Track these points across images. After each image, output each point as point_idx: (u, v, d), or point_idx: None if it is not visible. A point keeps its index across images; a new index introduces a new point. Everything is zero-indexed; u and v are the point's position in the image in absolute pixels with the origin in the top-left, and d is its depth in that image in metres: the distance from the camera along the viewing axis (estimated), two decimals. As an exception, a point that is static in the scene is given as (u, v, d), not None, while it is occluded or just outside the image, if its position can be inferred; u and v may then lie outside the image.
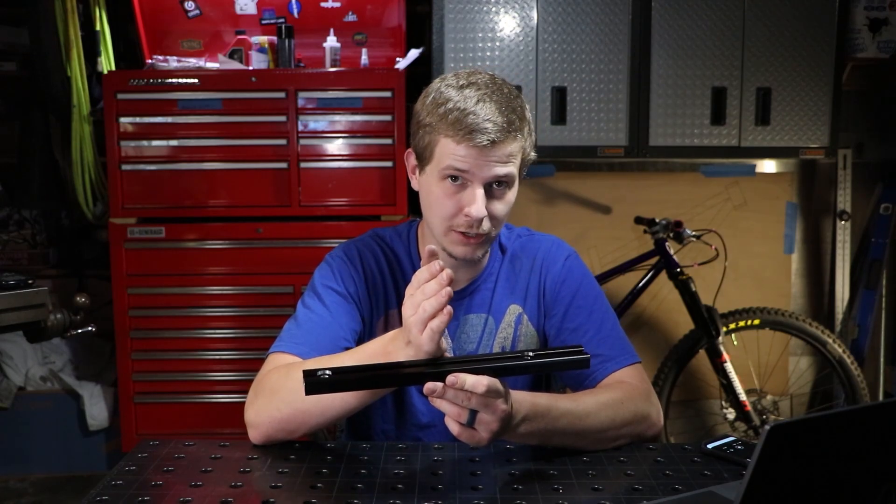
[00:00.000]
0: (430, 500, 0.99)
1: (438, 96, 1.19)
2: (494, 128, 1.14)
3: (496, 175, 1.17)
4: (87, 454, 2.91)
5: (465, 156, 1.15)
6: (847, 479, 0.73)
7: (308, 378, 0.95)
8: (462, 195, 1.18)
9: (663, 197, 3.05)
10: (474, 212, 1.16)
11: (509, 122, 1.16)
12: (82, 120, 2.77)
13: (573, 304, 1.31)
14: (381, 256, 1.33)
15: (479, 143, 1.14)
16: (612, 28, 2.67)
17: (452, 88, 1.18)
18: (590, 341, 1.26)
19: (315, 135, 2.56)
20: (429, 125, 1.19)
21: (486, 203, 1.17)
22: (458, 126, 1.14)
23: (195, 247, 2.58)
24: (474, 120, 1.14)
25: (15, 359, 2.93)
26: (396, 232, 1.37)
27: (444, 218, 1.20)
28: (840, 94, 2.78)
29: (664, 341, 3.01)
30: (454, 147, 1.16)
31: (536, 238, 1.38)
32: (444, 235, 1.22)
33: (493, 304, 1.33)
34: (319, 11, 2.85)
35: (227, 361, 2.60)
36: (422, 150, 1.22)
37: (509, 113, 1.16)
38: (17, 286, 1.65)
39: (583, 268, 1.35)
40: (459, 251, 1.22)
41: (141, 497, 0.99)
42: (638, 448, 1.18)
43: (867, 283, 3.08)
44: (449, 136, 1.16)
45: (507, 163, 1.17)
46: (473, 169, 1.16)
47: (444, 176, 1.18)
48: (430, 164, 1.21)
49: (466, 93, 1.16)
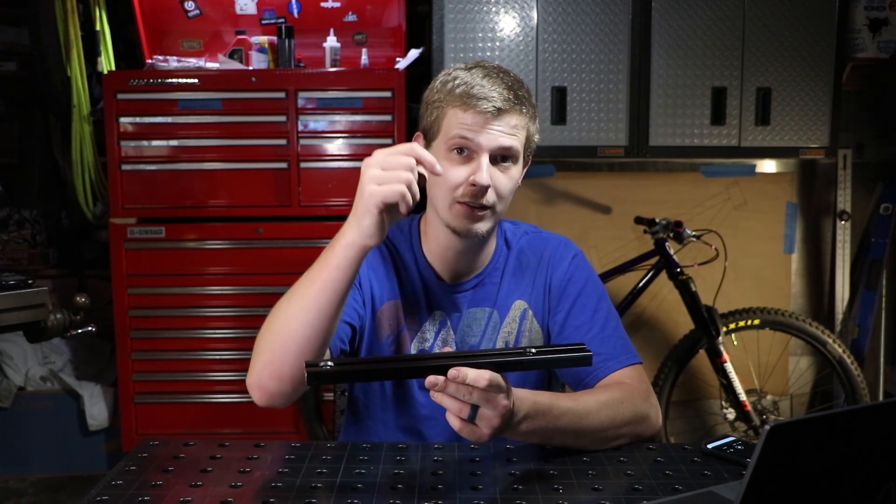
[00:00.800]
0: (430, 500, 0.99)
1: (447, 77, 1.24)
2: (500, 97, 1.18)
3: (501, 145, 1.19)
4: (87, 454, 2.91)
5: (471, 123, 1.18)
6: (847, 479, 0.73)
7: (310, 368, 0.96)
8: (468, 165, 1.20)
9: (663, 197, 3.05)
10: (480, 179, 1.18)
11: (515, 94, 1.20)
12: (82, 120, 2.77)
13: (577, 302, 1.31)
14: (384, 248, 1.34)
15: (484, 108, 1.17)
16: (612, 28, 2.67)
17: (461, 70, 1.24)
18: (592, 340, 1.27)
19: (315, 135, 2.56)
20: (436, 102, 1.24)
21: (491, 174, 1.19)
22: (466, 96, 1.19)
23: (195, 247, 2.58)
24: (480, 90, 1.18)
25: (15, 359, 2.93)
26: (398, 227, 1.37)
27: (449, 189, 1.21)
28: (840, 94, 2.78)
29: (664, 341, 3.01)
30: (461, 115, 1.19)
31: (544, 236, 1.39)
32: (448, 209, 1.23)
33: (498, 298, 1.33)
34: (319, 11, 2.85)
35: (227, 361, 2.60)
36: (429, 127, 1.25)
37: (516, 88, 1.21)
38: (17, 286, 1.65)
39: (589, 268, 1.37)
40: (463, 224, 1.22)
41: (141, 497, 0.99)
42: (638, 448, 1.18)
43: (867, 283, 3.08)
44: (456, 105, 1.20)
45: (512, 135, 1.20)
46: (479, 137, 1.18)
47: (451, 147, 1.21)
48: (438, 139, 1.24)
49: (474, 71, 1.22)
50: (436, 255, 1.32)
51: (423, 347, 1.32)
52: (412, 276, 1.33)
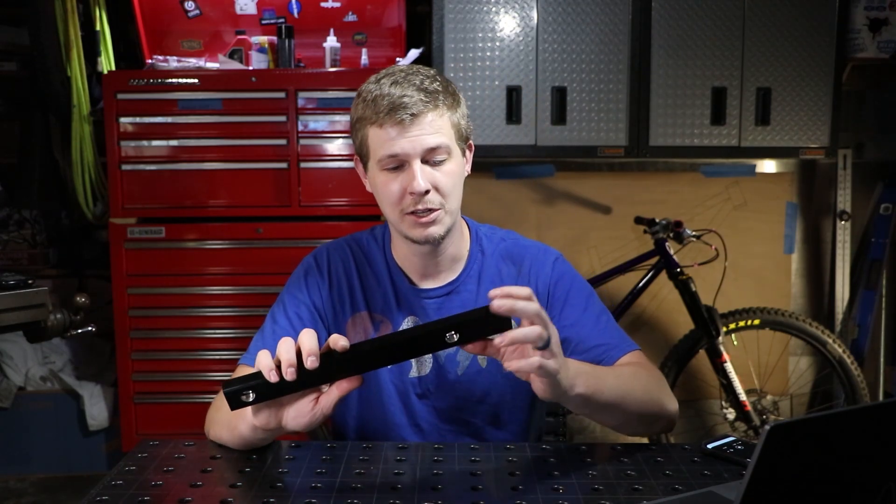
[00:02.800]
0: (430, 500, 0.99)
1: (360, 93, 1.23)
2: (411, 101, 1.17)
3: (427, 146, 1.19)
4: (87, 454, 2.91)
5: (393, 136, 1.18)
6: (847, 479, 0.73)
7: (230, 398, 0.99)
8: (402, 176, 1.20)
9: (663, 197, 3.05)
10: (415, 187, 1.18)
11: (427, 93, 1.19)
12: (82, 120, 2.77)
13: (568, 301, 1.31)
14: (350, 260, 1.35)
15: (400, 118, 1.17)
16: (612, 28, 2.67)
17: (371, 83, 1.22)
18: (589, 333, 1.26)
19: (315, 135, 2.56)
20: (357, 122, 1.24)
21: (427, 176, 1.19)
22: (378, 109, 1.18)
23: (195, 247, 2.58)
24: (390, 100, 1.17)
25: (15, 359, 2.93)
26: (372, 234, 1.38)
27: (393, 204, 1.22)
28: (840, 94, 2.78)
29: (664, 341, 3.01)
30: (381, 133, 1.19)
31: (522, 243, 1.37)
32: (400, 223, 1.23)
33: (476, 306, 1.31)
34: (319, 11, 2.85)
35: (227, 361, 2.60)
36: (360, 149, 1.26)
37: (426, 87, 1.19)
38: (17, 286, 1.65)
39: (571, 269, 1.36)
40: (418, 233, 1.22)
41: (141, 497, 0.99)
42: (638, 448, 1.18)
43: (867, 283, 3.08)
44: (373, 122, 1.20)
45: (435, 132, 1.19)
46: (405, 147, 1.18)
47: (383, 166, 1.21)
48: (371, 160, 1.24)
49: (382, 81, 1.20)
50: (404, 260, 1.32)
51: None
52: (384, 282, 1.33)
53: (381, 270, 1.33)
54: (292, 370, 0.96)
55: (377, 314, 1.32)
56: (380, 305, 1.32)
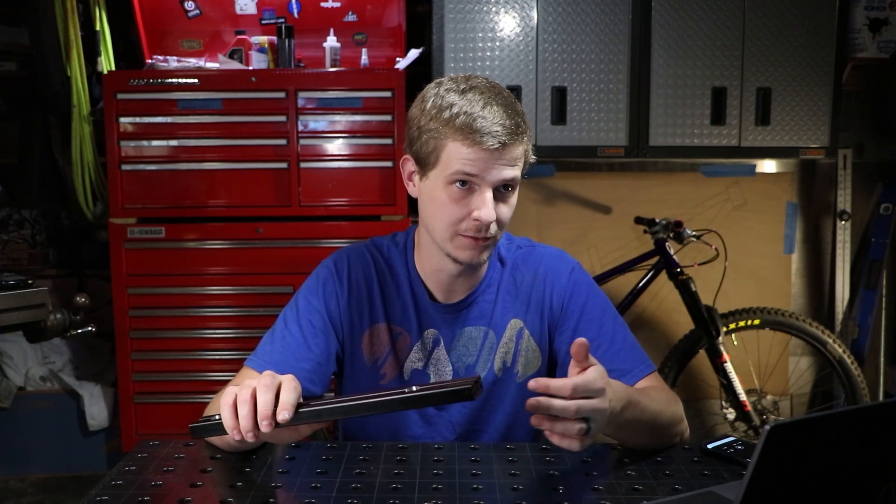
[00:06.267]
0: (430, 500, 0.99)
1: (440, 101, 1.17)
2: (504, 131, 1.14)
3: (504, 178, 1.16)
4: (87, 454, 2.91)
5: (475, 159, 1.14)
6: (847, 479, 0.73)
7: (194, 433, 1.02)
8: (470, 199, 1.16)
9: (663, 197, 3.05)
10: (485, 216, 1.15)
11: (516, 125, 1.16)
12: (82, 120, 2.77)
13: (583, 317, 1.28)
14: (371, 268, 1.31)
15: (490, 146, 1.13)
16: (612, 28, 2.67)
17: (454, 93, 1.17)
18: (604, 355, 1.23)
19: (315, 135, 2.56)
20: (433, 130, 1.17)
21: (495, 207, 1.16)
22: (468, 130, 1.13)
23: (195, 247, 2.58)
24: (483, 123, 1.13)
25: (15, 359, 2.93)
26: (394, 241, 1.35)
27: (450, 223, 1.18)
28: (840, 94, 2.78)
29: (664, 341, 3.01)
30: (464, 151, 1.14)
31: (538, 250, 1.36)
32: (449, 241, 1.20)
33: (493, 317, 1.30)
34: (319, 11, 2.85)
35: (227, 361, 2.60)
36: (425, 156, 1.19)
37: (515, 116, 1.16)
38: (17, 286, 1.64)
39: (588, 280, 1.33)
40: (466, 255, 1.20)
41: (141, 497, 0.99)
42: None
43: (867, 283, 3.08)
44: (457, 140, 1.14)
45: (514, 165, 1.17)
46: (483, 172, 1.15)
47: (452, 181, 1.16)
48: (436, 170, 1.18)
49: (470, 97, 1.16)
50: (429, 275, 1.29)
51: (415, 367, 1.29)
52: (404, 293, 1.30)
53: (403, 281, 1.31)
54: (252, 434, 0.95)
55: (396, 326, 1.30)
56: (399, 317, 1.30)
